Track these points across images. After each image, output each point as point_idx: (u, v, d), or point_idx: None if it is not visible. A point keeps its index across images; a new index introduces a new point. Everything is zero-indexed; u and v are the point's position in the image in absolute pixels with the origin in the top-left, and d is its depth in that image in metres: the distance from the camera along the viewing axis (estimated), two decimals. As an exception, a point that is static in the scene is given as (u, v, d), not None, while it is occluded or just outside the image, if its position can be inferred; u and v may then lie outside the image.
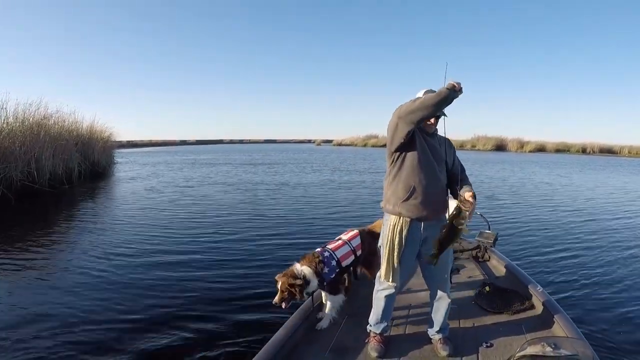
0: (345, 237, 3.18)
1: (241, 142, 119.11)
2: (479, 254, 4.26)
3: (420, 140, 2.32)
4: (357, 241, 3.16)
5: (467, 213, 2.11)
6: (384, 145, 2.63)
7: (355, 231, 3.23)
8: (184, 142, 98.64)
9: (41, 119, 13.24)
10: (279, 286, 2.74)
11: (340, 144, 67.15)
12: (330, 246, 3.04)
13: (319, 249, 3.01)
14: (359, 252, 3.13)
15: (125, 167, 22.78)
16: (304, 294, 2.78)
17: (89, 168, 16.41)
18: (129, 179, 16.38)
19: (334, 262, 2.91)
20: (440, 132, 2.50)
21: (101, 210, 9.53)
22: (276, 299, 2.72)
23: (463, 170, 2.50)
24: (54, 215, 9.12)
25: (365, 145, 59.47)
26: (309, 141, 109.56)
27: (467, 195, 2.17)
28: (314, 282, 2.80)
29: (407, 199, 2.30)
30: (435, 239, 2.19)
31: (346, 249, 3.06)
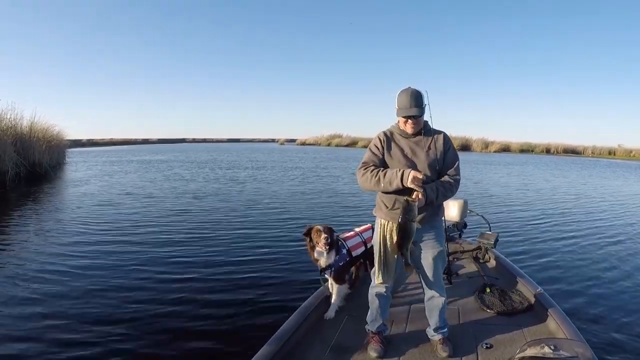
0: (357, 229, 3.29)
1: (204, 141, 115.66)
2: (480, 255, 4.26)
3: (397, 150, 2.35)
4: (368, 233, 3.20)
5: (415, 204, 2.12)
6: (348, 145, 2.08)
7: (368, 225, 3.31)
8: (146, 141, 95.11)
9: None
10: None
11: (304, 143, 65.37)
12: (342, 236, 3.12)
13: None
14: (369, 244, 3.13)
15: (73, 167, 21.10)
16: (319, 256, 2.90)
17: (27, 170, 14.87)
18: (72, 182, 14.95)
19: (344, 251, 3.00)
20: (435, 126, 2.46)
21: (27, 219, 8.39)
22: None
23: (451, 171, 2.36)
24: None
25: (329, 145, 57.84)
26: (273, 140, 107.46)
27: (415, 193, 2.17)
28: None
29: (392, 208, 2.33)
30: (394, 244, 2.29)
31: (357, 239, 3.16)
